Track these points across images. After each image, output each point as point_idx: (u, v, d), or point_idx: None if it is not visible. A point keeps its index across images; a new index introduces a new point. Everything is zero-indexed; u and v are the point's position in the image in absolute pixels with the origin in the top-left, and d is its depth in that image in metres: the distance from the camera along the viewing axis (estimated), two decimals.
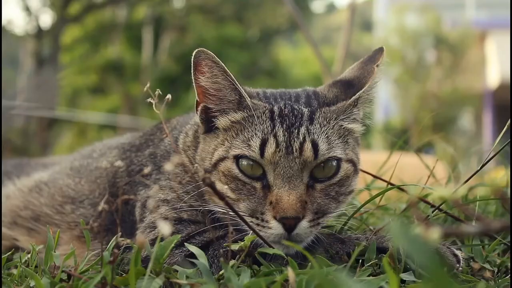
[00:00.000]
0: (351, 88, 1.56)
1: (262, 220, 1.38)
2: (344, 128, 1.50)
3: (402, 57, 15.57)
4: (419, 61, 15.66)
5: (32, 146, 14.57)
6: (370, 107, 1.58)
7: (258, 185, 1.42)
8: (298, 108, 1.47)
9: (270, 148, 1.39)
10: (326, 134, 1.45)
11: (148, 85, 1.54)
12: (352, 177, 1.51)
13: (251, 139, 1.43)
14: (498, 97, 16.04)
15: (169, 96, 1.51)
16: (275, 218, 1.35)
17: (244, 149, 1.42)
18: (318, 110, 1.48)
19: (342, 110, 1.50)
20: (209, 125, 1.55)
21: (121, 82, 21.42)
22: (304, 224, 1.36)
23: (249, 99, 1.48)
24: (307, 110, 1.47)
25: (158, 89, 1.54)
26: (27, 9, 17.73)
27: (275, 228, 1.35)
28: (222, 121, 1.51)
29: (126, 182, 1.73)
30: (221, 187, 1.43)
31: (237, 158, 1.43)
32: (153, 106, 1.52)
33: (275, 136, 1.40)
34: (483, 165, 1.72)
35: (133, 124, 13.67)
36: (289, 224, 1.34)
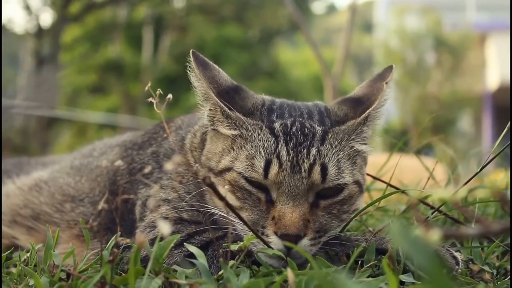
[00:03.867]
0: (360, 106, 1.51)
1: (263, 233, 1.36)
2: (354, 149, 1.46)
3: (402, 58, 15.57)
4: (419, 63, 15.66)
5: (31, 145, 14.56)
6: (378, 124, 1.55)
7: (263, 197, 1.39)
8: (310, 126, 1.42)
9: (273, 169, 1.36)
10: (337, 157, 1.40)
11: (149, 85, 1.53)
12: (356, 196, 1.48)
13: (255, 157, 1.39)
14: (498, 99, 16.06)
15: (170, 96, 1.50)
16: (276, 233, 1.33)
17: (248, 170, 1.38)
18: (331, 130, 1.44)
19: (352, 129, 1.46)
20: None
21: (121, 82, 21.41)
22: (305, 242, 1.34)
23: (228, 111, 1.45)
24: (320, 129, 1.43)
25: (159, 89, 1.54)
26: (27, 8, 17.72)
27: (275, 243, 1.33)
28: (224, 131, 1.49)
29: (127, 180, 1.73)
30: (225, 192, 1.42)
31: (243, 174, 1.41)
32: (154, 106, 1.52)
33: (278, 156, 1.36)
34: (482, 167, 1.72)
35: (133, 123, 13.67)
36: (289, 241, 1.32)
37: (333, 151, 1.40)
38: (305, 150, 1.37)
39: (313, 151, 1.38)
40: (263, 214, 1.38)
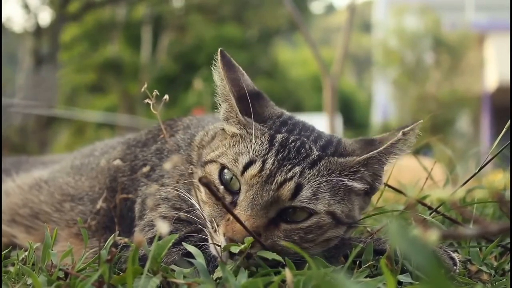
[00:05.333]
0: (370, 147, 1.49)
1: (215, 230, 1.37)
2: (343, 183, 1.42)
3: (401, 58, 15.59)
4: (418, 63, 15.66)
5: (30, 144, 14.56)
6: (381, 171, 1.49)
7: (229, 198, 1.39)
8: (308, 148, 1.42)
9: (253, 170, 1.36)
10: (319, 184, 1.37)
11: (145, 86, 1.53)
12: (327, 228, 1.40)
13: (242, 154, 1.40)
14: (496, 100, 16.07)
15: (166, 96, 1.50)
16: (224, 235, 1.33)
17: (231, 163, 1.40)
18: (326, 158, 1.41)
19: (350, 165, 1.43)
20: None
21: (120, 81, 21.42)
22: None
23: (241, 116, 1.46)
24: (316, 154, 1.41)
25: (155, 90, 1.53)
26: (26, 6, 17.71)
27: (221, 243, 1.33)
28: (227, 127, 1.51)
29: (128, 177, 1.73)
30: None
31: (222, 168, 1.42)
32: (151, 106, 1.52)
33: (264, 161, 1.36)
34: (481, 168, 1.72)
35: (132, 123, 13.66)
36: None
37: (317, 178, 1.38)
38: (289, 166, 1.36)
39: (297, 169, 1.36)
40: (222, 213, 1.38)
